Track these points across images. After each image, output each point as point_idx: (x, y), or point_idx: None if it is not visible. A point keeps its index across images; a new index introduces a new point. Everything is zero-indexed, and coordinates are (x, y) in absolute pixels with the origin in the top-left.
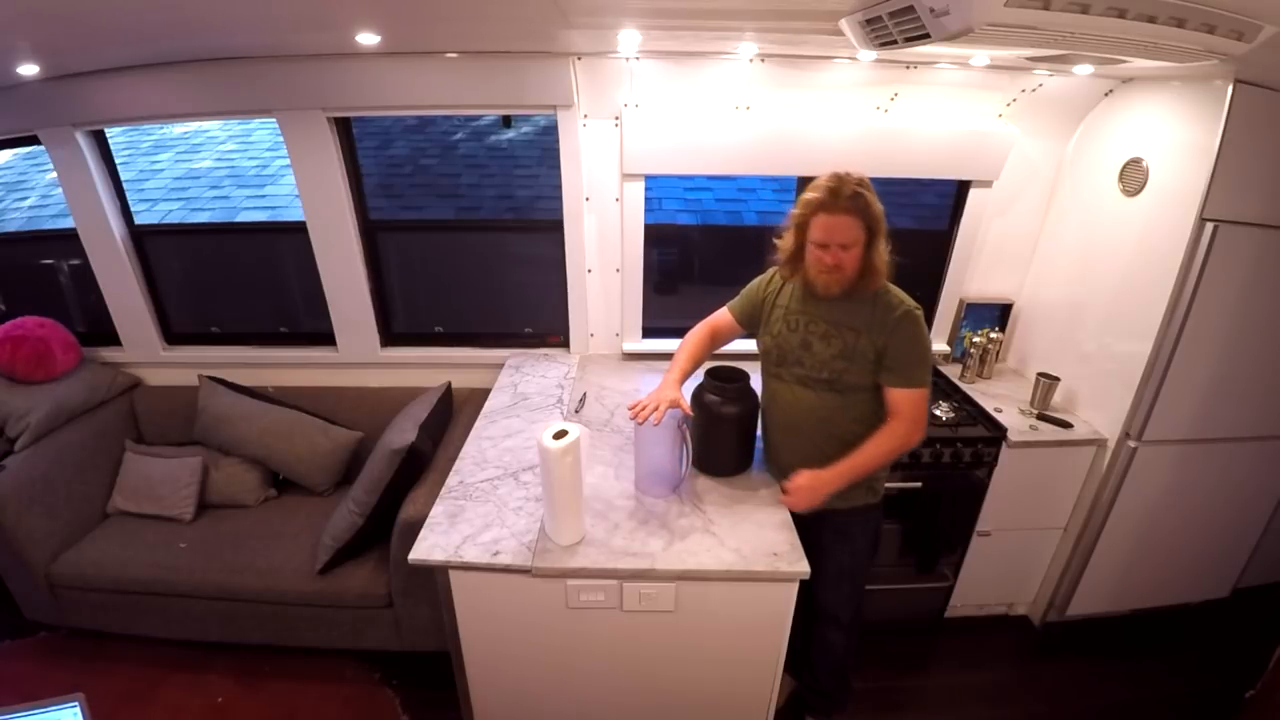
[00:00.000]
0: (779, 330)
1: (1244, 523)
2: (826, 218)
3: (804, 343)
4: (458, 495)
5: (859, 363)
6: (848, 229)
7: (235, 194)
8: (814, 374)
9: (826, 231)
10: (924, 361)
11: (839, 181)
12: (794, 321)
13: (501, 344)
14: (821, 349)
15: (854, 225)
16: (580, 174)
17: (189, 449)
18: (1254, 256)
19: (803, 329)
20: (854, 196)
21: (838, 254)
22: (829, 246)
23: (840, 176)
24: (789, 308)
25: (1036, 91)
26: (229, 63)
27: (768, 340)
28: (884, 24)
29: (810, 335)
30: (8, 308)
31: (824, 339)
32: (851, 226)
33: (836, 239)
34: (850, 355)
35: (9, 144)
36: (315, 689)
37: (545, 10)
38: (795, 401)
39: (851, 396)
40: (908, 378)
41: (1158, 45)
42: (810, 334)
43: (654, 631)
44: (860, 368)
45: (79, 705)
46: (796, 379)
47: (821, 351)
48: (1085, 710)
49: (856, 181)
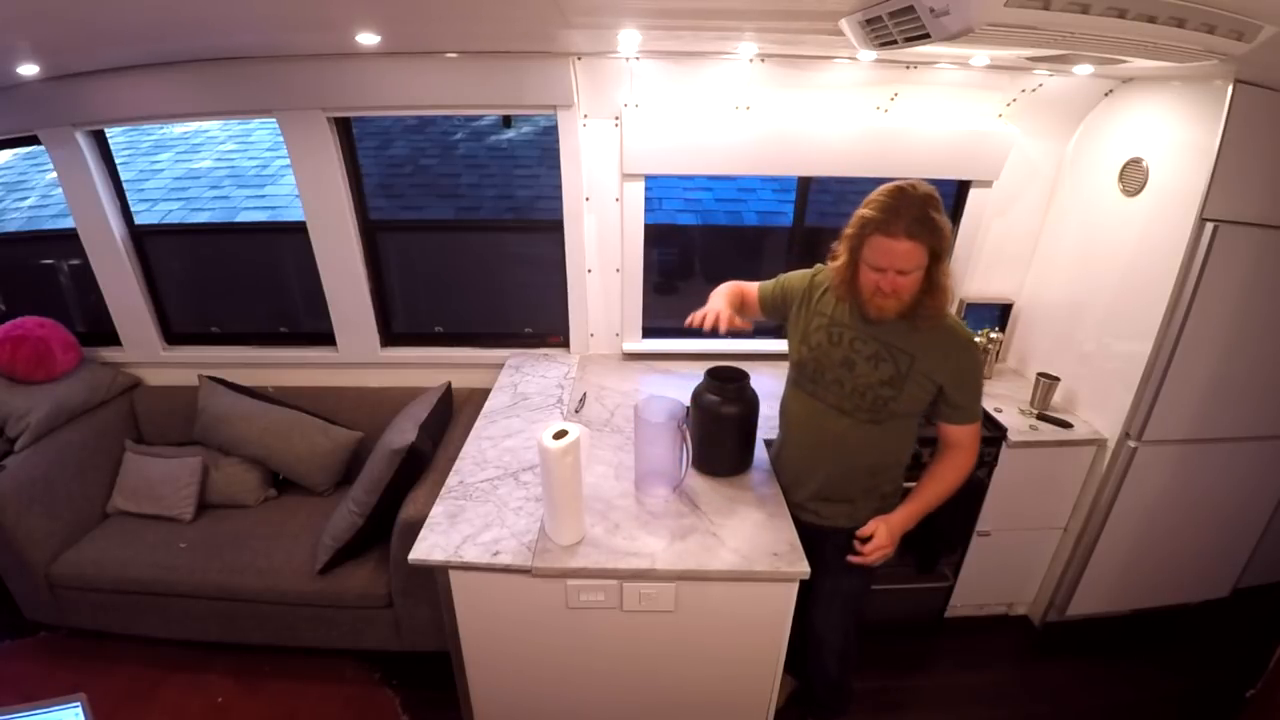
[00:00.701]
0: (818, 341)
1: (1244, 523)
2: (884, 240)
3: (846, 360)
4: (458, 495)
5: (909, 392)
6: (908, 255)
7: (235, 194)
8: (854, 400)
9: (884, 256)
10: (981, 394)
11: (900, 198)
12: (837, 334)
13: (501, 344)
14: (867, 371)
15: (915, 251)
16: (580, 174)
17: (189, 449)
18: (1254, 256)
19: (846, 345)
20: (919, 220)
21: (895, 280)
22: (885, 271)
23: (902, 191)
24: (833, 317)
25: (1036, 91)
26: (229, 63)
27: (803, 351)
28: (884, 24)
29: (855, 354)
30: (8, 308)
31: (871, 360)
32: (912, 252)
33: (895, 264)
34: (900, 383)
35: (9, 144)
36: (315, 689)
37: (545, 10)
38: (826, 426)
39: (890, 426)
40: (973, 412)
41: (1158, 45)
42: (855, 352)
43: (654, 631)
44: (909, 397)
45: (80, 705)
46: (833, 403)
47: (867, 375)
48: (1085, 710)
49: (922, 197)
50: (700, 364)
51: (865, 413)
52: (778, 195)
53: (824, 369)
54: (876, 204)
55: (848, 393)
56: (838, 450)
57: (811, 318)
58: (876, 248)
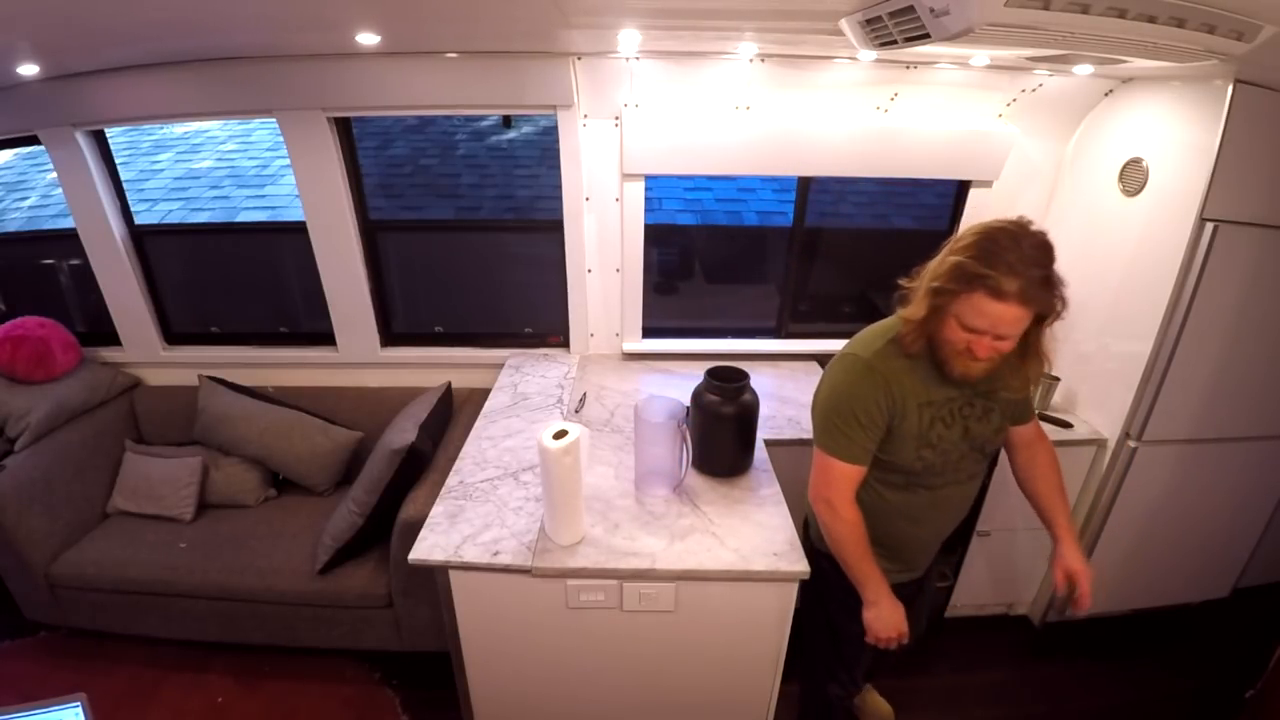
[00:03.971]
0: (939, 434)
1: (1244, 523)
2: (989, 302)
3: (964, 433)
4: (458, 495)
5: (1007, 423)
6: (1016, 321)
7: (235, 194)
8: (976, 461)
9: (983, 318)
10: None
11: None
12: (949, 416)
13: (501, 344)
14: (981, 429)
15: (1026, 316)
16: (580, 174)
17: (189, 449)
18: (1254, 256)
19: (959, 417)
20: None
21: (993, 345)
22: (982, 335)
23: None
24: (932, 399)
25: (1036, 91)
26: (229, 63)
27: (927, 455)
28: (884, 24)
29: (967, 420)
30: (8, 308)
31: (981, 419)
32: (1023, 319)
33: (996, 329)
34: (1002, 422)
35: (9, 144)
36: (315, 689)
37: (545, 10)
38: (958, 499)
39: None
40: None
41: (1158, 45)
42: (967, 418)
43: (654, 631)
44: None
45: (81, 705)
46: (964, 477)
47: (981, 432)
48: (1085, 710)
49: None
50: (700, 364)
51: (984, 464)
52: (778, 195)
53: (949, 455)
54: (980, 252)
55: (971, 459)
56: (962, 511)
57: (920, 413)
58: (976, 307)
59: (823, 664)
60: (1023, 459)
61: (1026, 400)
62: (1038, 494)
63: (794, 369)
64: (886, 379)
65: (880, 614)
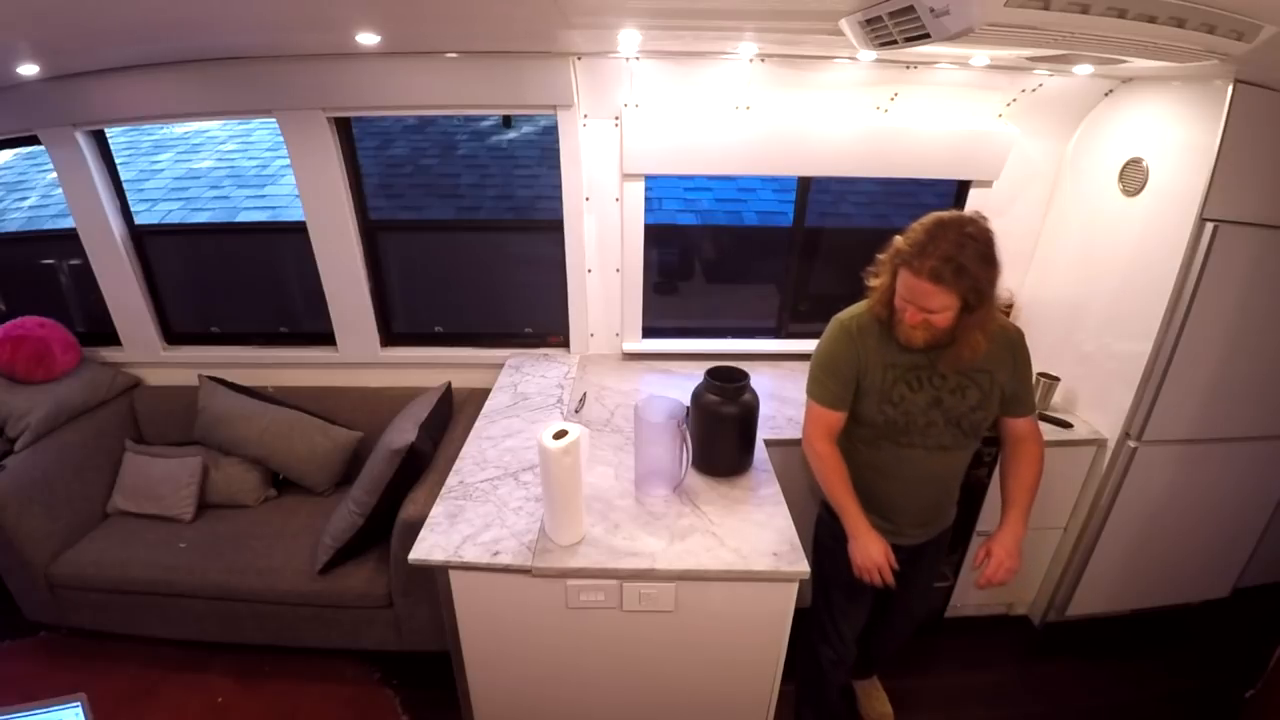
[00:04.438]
0: (900, 394)
1: (1244, 523)
2: (909, 277)
3: (934, 400)
4: (458, 495)
5: (992, 406)
6: (932, 296)
7: (235, 194)
8: (950, 433)
9: (909, 290)
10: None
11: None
12: (915, 380)
13: (501, 344)
14: (955, 403)
15: (941, 294)
16: (580, 174)
17: (189, 449)
18: (1254, 256)
19: (929, 384)
20: (946, 262)
21: (920, 314)
22: (910, 305)
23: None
24: (903, 363)
25: (1036, 91)
26: (229, 63)
27: (888, 410)
28: (884, 24)
29: (939, 390)
30: (8, 308)
31: (957, 392)
32: (937, 295)
33: (918, 301)
34: (988, 403)
35: (9, 144)
36: (315, 689)
37: (545, 10)
38: (930, 466)
39: (979, 439)
40: (1033, 403)
41: (1158, 45)
42: (938, 389)
43: (654, 631)
44: (993, 410)
45: (81, 705)
46: (934, 445)
47: (956, 405)
48: (1085, 710)
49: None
50: (700, 364)
51: (962, 439)
52: (778, 195)
53: (914, 418)
54: (912, 234)
55: (942, 428)
56: (938, 484)
57: (884, 372)
58: (903, 280)
59: (816, 624)
60: (1009, 452)
61: (1019, 395)
62: (1007, 487)
63: (794, 369)
64: (858, 339)
65: (860, 545)
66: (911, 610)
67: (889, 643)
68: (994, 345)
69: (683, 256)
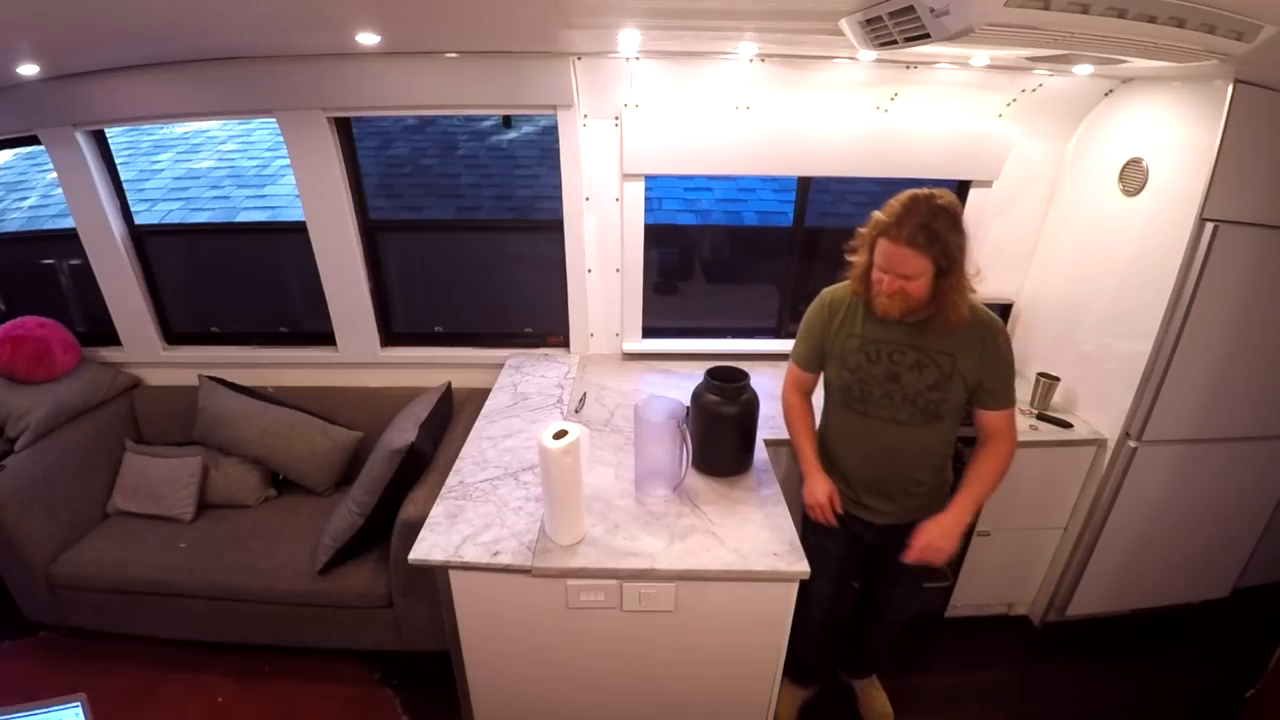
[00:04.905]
0: (858, 363)
1: (1244, 523)
2: (888, 245)
3: (890, 374)
4: (458, 495)
5: (955, 391)
6: (908, 261)
7: (235, 194)
8: (907, 409)
9: (887, 259)
10: (1014, 377)
11: (911, 206)
12: (874, 351)
13: (501, 344)
14: (913, 380)
15: (916, 258)
16: (580, 174)
17: (189, 449)
18: (1254, 256)
19: (887, 359)
20: (921, 229)
21: (898, 281)
22: (889, 273)
23: (915, 199)
24: (865, 335)
25: (1036, 91)
26: (229, 63)
27: (845, 375)
28: (884, 24)
29: (897, 365)
30: (8, 308)
31: (915, 369)
32: (913, 259)
33: (895, 268)
34: (946, 385)
35: (9, 144)
36: (315, 689)
37: (545, 10)
38: (890, 440)
39: (945, 422)
40: (1007, 398)
41: (1158, 45)
42: (897, 364)
43: (654, 631)
44: (956, 395)
45: (81, 705)
46: (887, 417)
47: (914, 383)
48: (1085, 710)
49: (931, 209)
50: (700, 364)
51: (920, 417)
52: (778, 195)
53: (869, 386)
54: (889, 208)
55: (899, 403)
56: (896, 458)
57: (846, 340)
58: (881, 249)
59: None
60: (978, 443)
61: (987, 386)
62: (965, 474)
63: None
64: (830, 309)
65: (809, 484)
66: (897, 602)
67: (879, 639)
68: (969, 331)
69: (683, 256)
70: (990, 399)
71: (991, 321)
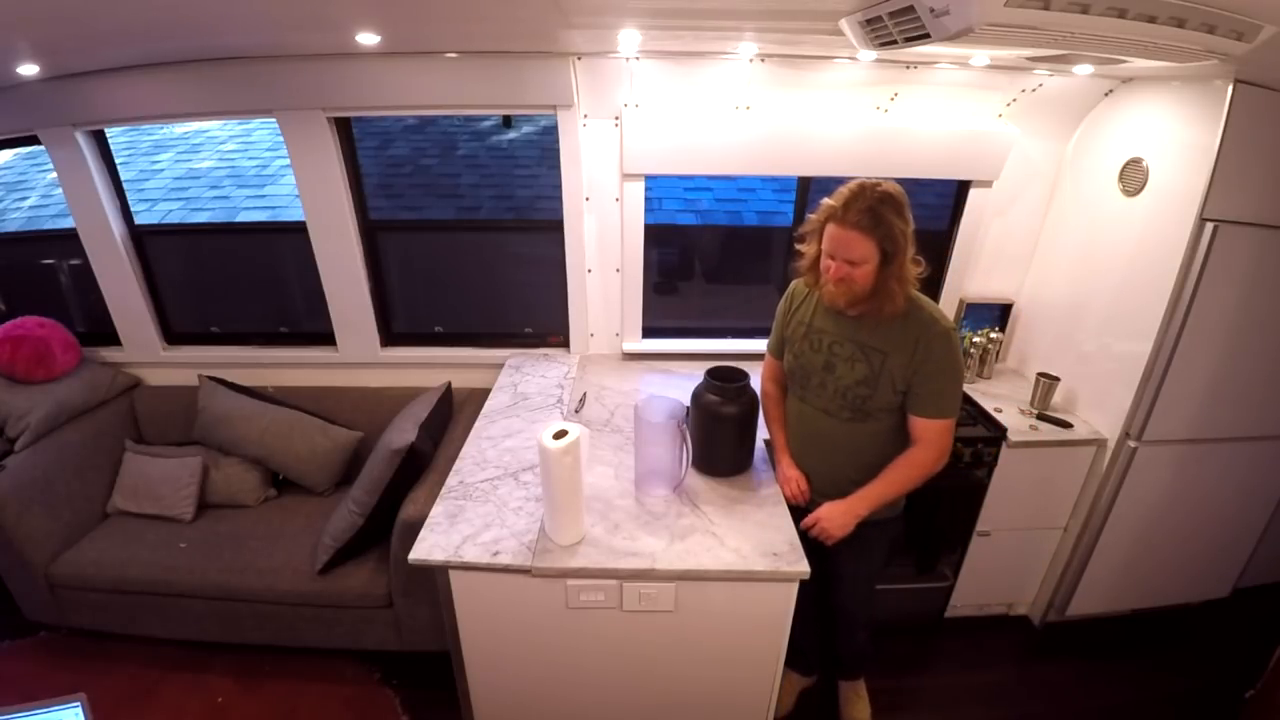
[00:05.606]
0: (801, 349)
1: (1244, 523)
2: (835, 229)
3: (827, 364)
4: (458, 495)
5: (883, 389)
6: (854, 244)
7: (235, 194)
8: (836, 401)
9: (834, 243)
10: (955, 388)
11: (857, 192)
12: (817, 340)
13: (501, 344)
14: (845, 372)
15: (862, 242)
16: (580, 174)
17: (189, 449)
18: (1254, 256)
19: (826, 349)
20: (867, 211)
21: (844, 268)
22: (836, 259)
23: (862, 186)
24: (811, 324)
25: (1036, 91)
26: (229, 63)
27: (789, 359)
28: (884, 24)
29: (834, 357)
30: (8, 308)
31: (848, 362)
32: (859, 242)
33: (842, 253)
34: (874, 382)
35: (9, 144)
36: (315, 689)
37: (545, 10)
38: (819, 429)
39: (878, 422)
40: (937, 407)
41: (1158, 45)
42: (834, 355)
43: (654, 631)
44: (884, 394)
45: (81, 705)
46: (820, 406)
47: (845, 375)
48: (1085, 710)
49: (878, 195)
50: (700, 364)
51: (848, 412)
52: (778, 195)
53: (809, 374)
54: (838, 194)
55: (830, 394)
56: (826, 449)
57: (796, 328)
58: (829, 234)
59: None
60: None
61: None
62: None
63: None
64: (792, 297)
65: (779, 469)
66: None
67: (842, 642)
68: (901, 325)
69: (683, 256)
70: (916, 404)
71: (933, 323)
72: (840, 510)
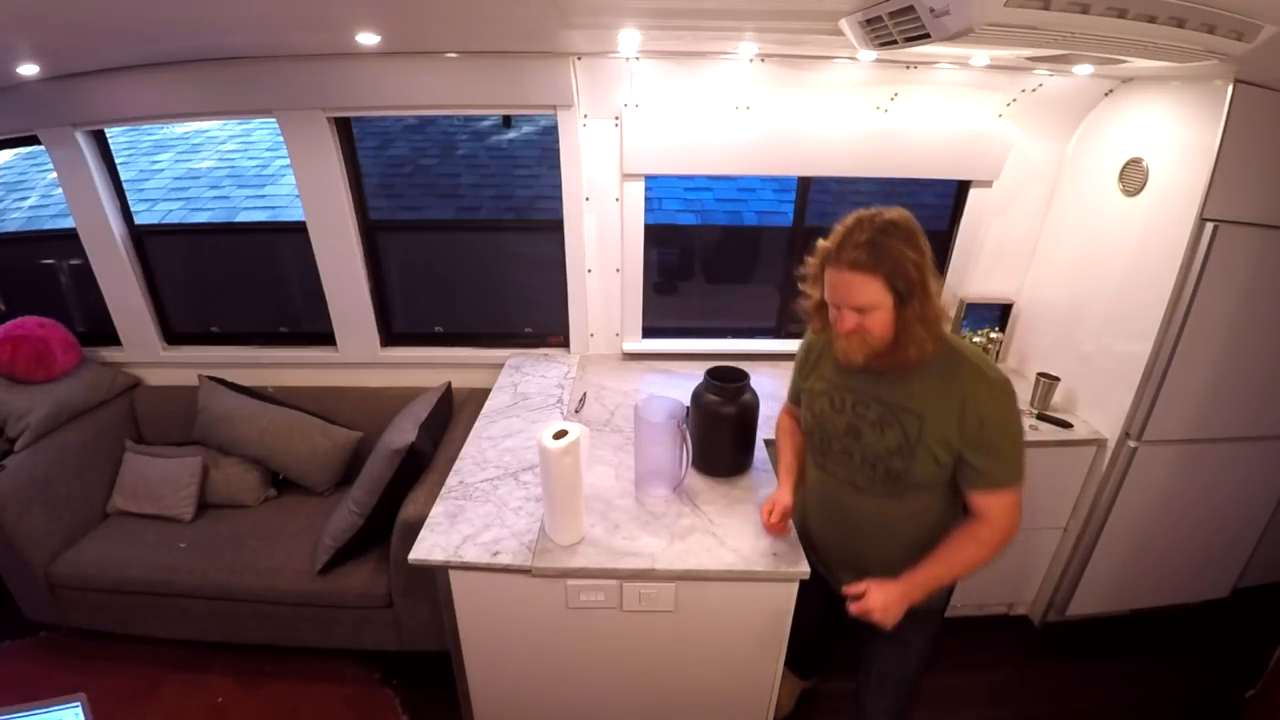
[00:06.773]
0: (821, 408)
1: (1244, 523)
2: (833, 273)
3: (851, 428)
4: (458, 495)
5: (923, 461)
6: (858, 288)
7: (235, 194)
8: (865, 473)
9: (835, 290)
10: (1018, 451)
11: (852, 226)
12: (839, 400)
13: (501, 344)
14: (874, 439)
15: (866, 283)
16: (580, 174)
17: (189, 449)
18: (1254, 256)
19: (850, 410)
20: (866, 246)
21: (854, 317)
22: (841, 309)
23: (858, 218)
24: (832, 379)
25: (1036, 91)
26: (229, 63)
27: (807, 417)
28: (884, 24)
29: (859, 420)
30: (8, 308)
31: (876, 427)
32: (863, 285)
33: (847, 300)
34: (910, 452)
35: (9, 144)
36: (315, 689)
37: (545, 10)
38: (843, 503)
39: (918, 500)
40: (994, 476)
41: (1158, 45)
42: (859, 418)
43: (654, 631)
44: (925, 466)
45: (80, 705)
46: (844, 478)
47: (874, 443)
48: (1085, 710)
49: (879, 225)
50: (700, 364)
51: (880, 487)
52: (778, 195)
53: (830, 439)
54: (833, 231)
55: (857, 465)
56: (859, 530)
57: (815, 382)
58: (828, 281)
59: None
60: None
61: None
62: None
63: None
64: (810, 349)
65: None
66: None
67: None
68: (940, 379)
69: (683, 256)
70: (973, 479)
71: (981, 378)
72: (894, 601)
